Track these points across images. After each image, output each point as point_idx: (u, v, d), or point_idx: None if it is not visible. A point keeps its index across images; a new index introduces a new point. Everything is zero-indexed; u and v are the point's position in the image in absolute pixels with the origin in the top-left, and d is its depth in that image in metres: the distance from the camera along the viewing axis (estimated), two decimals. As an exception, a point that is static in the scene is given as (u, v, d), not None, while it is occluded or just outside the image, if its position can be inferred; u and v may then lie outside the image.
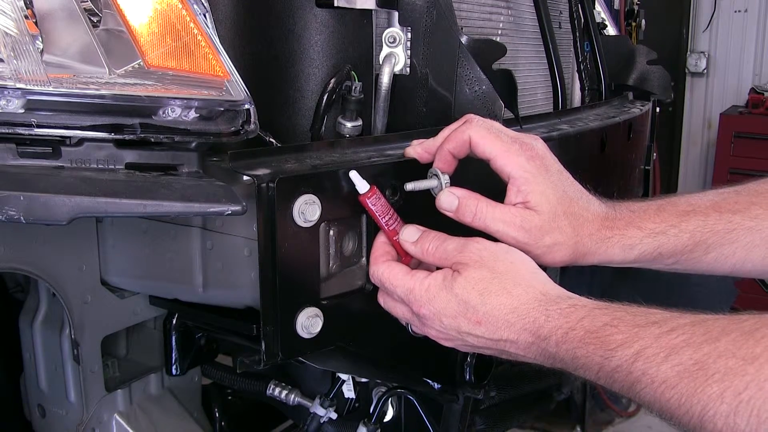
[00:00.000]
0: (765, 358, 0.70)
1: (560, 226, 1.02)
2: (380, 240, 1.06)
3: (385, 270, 1.02)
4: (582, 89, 1.99)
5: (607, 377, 0.84)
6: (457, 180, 1.06)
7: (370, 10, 1.27)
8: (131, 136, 1.01)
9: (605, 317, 0.86)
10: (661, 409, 0.78)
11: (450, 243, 1.00)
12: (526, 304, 0.93)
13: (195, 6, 1.05)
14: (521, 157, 1.02)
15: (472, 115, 1.07)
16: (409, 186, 1.06)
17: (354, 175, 1.01)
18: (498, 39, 1.64)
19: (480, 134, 1.02)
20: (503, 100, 1.32)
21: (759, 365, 0.70)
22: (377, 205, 1.03)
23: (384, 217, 1.04)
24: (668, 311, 0.84)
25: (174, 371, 1.51)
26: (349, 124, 1.24)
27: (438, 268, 1.01)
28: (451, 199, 1.03)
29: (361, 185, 1.02)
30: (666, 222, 1.06)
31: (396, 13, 1.28)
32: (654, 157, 2.32)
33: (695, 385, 0.74)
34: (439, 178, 1.04)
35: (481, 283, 0.95)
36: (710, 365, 0.73)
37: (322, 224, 1.03)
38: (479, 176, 1.05)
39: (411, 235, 1.03)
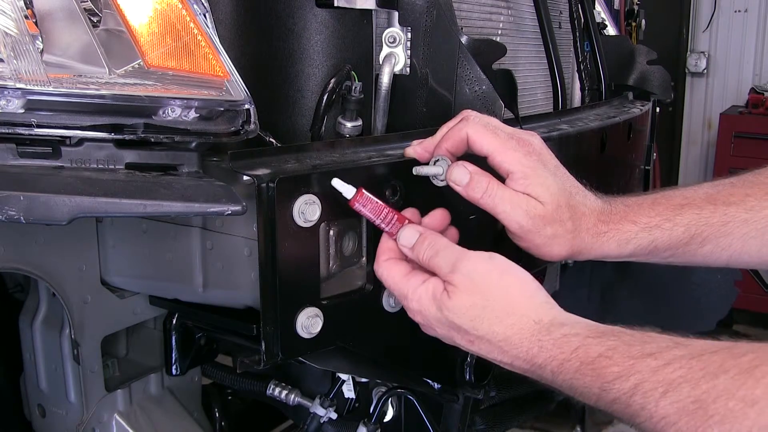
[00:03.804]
0: (766, 402, 0.69)
1: (562, 218, 1.02)
2: (385, 236, 1.06)
3: (384, 270, 1.03)
4: (582, 89, 1.99)
5: (606, 406, 0.83)
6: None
7: (370, 10, 1.27)
8: (131, 136, 1.01)
9: (599, 347, 0.84)
10: None
11: (442, 258, 0.98)
12: (518, 334, 0.92)
13: (195, 6, 1.05)
14: (518, 152, 1.02)
15: (470, 111, 1.07)
16: (416, 170, 1.05)
17: (336, 182, 0.99)
18: (498, 39, 1.64)
19: (477, 131, 1.02)
20: (503, 100, 1.32)
21: (760, 409, 0.69)
22: (368, 207, 1.01)
23: (378, 218, 1.02)
24: (663, 339, 0.82)
25: (174, 371, 1.51)
26: (349, 124, 1.24)
27: None
28: (463, 173, 1.02)
29: (346, 190, 1.00)
30: (660, 216, 1.06)
31: (396, 13, 1.28)
32: (654, 157, 2.32)
33: (695, 424, 0.72)
34: (446, 164, 1.03)
35: (472, 311, 0.93)
36: (709, 405, 0.72)
37: (322, 224, 1.03)
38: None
39: (408, 240, 1.02)
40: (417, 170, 1.05)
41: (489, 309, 0.93)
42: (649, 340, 0.83)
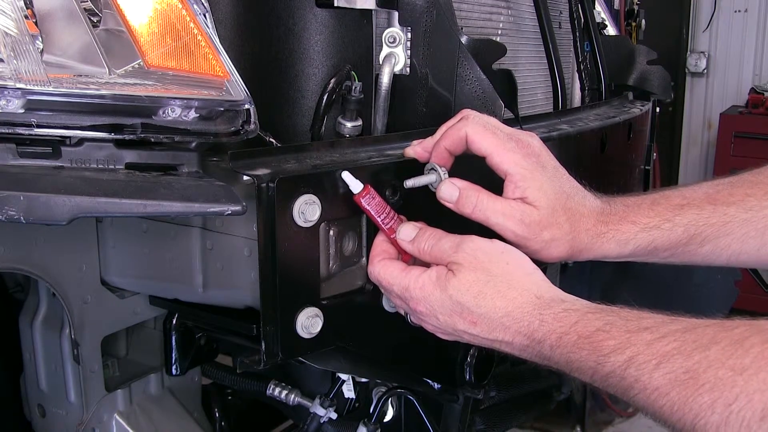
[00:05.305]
0: (754, 370, 0.70)
1: (558, 222, 1.02)
2: (379, 239, 1.06)
3: (380, 269, 1.03)
4: (582, 89, 1.99)
5: (601, 381, 0.84)
6: (453, 176, 1.06)
7: (370, 10, 1.27)
8: (131, 136, 1.01)
9: (598, 322, 0.86)
10: (654, 414, 0.78)
11: (445, 242, 1.00)
12: (520, 308, 0.93)
13: (195, 6, 1.05)
14: (517, 154, 1.02)
15: (469, 110, 1.07)
16: (409, 183, 1.06)
17: (346, 175, 1.01)
18: (498, 39, 1.64)
19: (476, 131, 1.02)
20: (503, 100, 1.32)
21: (748, 377, 0.70)
22: (372, 205, 1.03)
23: (380, 216, 1.03)
24: (660, 315, 0.84)
25: (174, 371, 1.51)
26: (349, 124, 1.24)
27: None
28: (452, 190, 1.02)
29: (354, 185, 1.01)
30: (660, 216, 1.06)
31: (396, 13, 1.28)
32: (654, 157, 2.32)
33: (686, 393, 0.74)
34: (437, 172, 1.04)
35: (476, 286, 0.95)
36: (700, 374, 0.74)
37: (322, 224, 1.03)
38: (476, 172, 1.05)
39: (407, 234, 1.03)
40: (408, 183, 1.06)
41: (492, 284, 0.94)
42: (646, 316, 0.85)
